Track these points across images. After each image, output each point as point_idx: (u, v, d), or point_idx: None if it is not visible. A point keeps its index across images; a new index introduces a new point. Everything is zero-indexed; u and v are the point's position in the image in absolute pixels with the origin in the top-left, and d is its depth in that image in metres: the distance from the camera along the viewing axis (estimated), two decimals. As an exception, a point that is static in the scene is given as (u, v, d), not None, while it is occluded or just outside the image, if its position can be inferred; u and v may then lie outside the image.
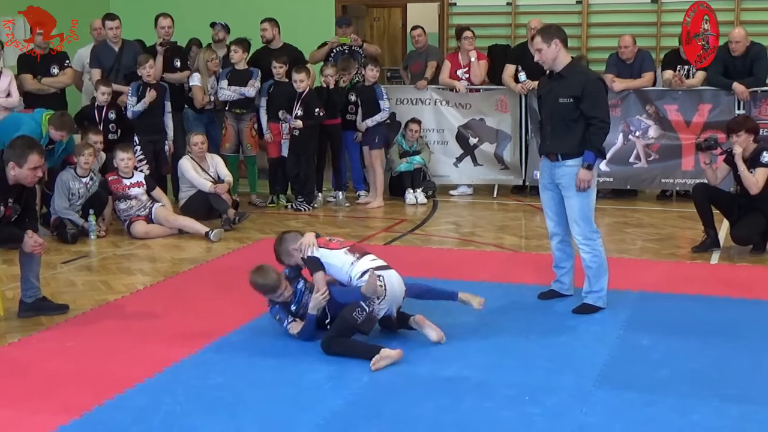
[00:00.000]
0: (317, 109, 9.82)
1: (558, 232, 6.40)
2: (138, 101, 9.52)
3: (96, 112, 9.50)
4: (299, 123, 9.77)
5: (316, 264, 5.59)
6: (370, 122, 10.16)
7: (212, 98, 10.24)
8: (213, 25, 10.84)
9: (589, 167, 6.01)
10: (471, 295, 5.80)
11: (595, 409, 4.60)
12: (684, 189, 10.23)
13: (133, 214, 8.83)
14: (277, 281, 5.61)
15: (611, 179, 10.44)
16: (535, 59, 6.22)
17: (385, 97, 10.21)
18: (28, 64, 9.59)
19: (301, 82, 9.81)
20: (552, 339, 5.66)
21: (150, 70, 9.57)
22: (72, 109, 9.77)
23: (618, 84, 10.22)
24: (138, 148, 9.50)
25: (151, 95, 9.47)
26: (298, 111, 9.82)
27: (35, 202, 6.57)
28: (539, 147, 6.58)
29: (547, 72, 6.27)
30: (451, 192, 10.96)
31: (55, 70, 9.79)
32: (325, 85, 10.19)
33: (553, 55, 6.05)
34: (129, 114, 9.56)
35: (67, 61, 9.95)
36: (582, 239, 6.18)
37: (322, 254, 5.62)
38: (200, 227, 8.68)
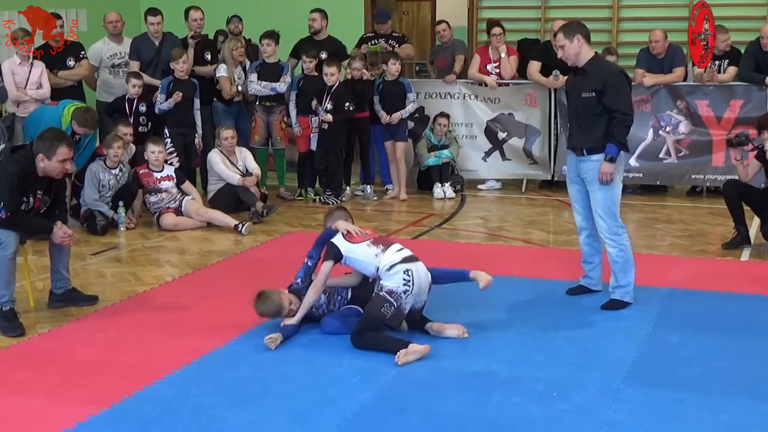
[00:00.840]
0: (347, 104, 9.82)
1: (586, 227, 6.38)
2: (167, 98, 9.55)
3: (127, 104, 9.54)
4: (329, 117, 9.77)
5: (332, 251, 5.60)
6: (404, 113, 10.18)
7: (239, 89, 10.22)
8: (230, 19, 10.79)
9: (612, 160, 6.00)
10: (480, 273, 5.76)
11: (624, 406, 4.58)
12: (714, 185, 10.15)
13: (164, 207, 8.88)
14: (278, 304, 5.66)
15: (641, 175, 10.38)
16: (559, 56, 6.25)
17: (413, 89, 10.23)
18: (44, 56, 9.47)
19: (331, 75, 9.81)
20: (580, 335, 5.64)
21: (183, 65, 9.59)
22: (88, 102, 9.78)
23: (648, 79, 10.15)
24: (168, 140, 9.55)
25: (176, 97, 9.48)
26: (328, 105, 9.82)
27: (65, 194, 6.61)
28: (567, 141, 6.57)
29: (572, 68, 6.28)
30: (480, 186, 10.93)
31: (71, 62, 9.78)
32: (352, 78, 10.19)
33: (576, 51, 6.08)
34: (156, 110, 9.59)
35: (83, 53, 9.92)
36: (607, 234, 6.17)
37: (346, 248, 5.62)
38: (230, 220, 8.71)
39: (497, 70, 10.71)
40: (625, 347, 5.40)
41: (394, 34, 11.12)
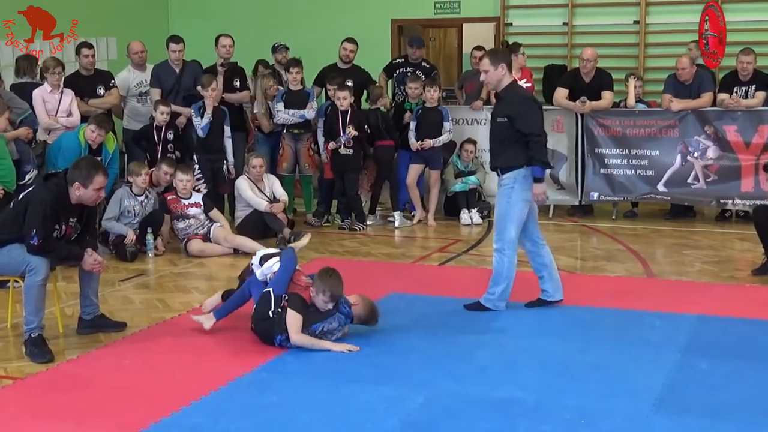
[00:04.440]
0: (366, 126, 9.92)
1: (524, 244, 6.76)
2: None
3: (155, 132, 9.62)
4: (352, 131, 9.81)
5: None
6: (437, 142, 10.22)
7: (274, 120, 10.28)
8: (278, 48, 10.85)
9: (539, 181, 6.43)
10: None
11: (652, 434, 4.54)
12: (743, 210, 10.09)
13: (191, 233, 8.93)
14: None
15: (669, 198, 10.34)
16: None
17: (450, 118, 10.29)
18: (74, 85, 9.60)
19: (344, 99, 9.91)
20: (608, 362, 5.59)
21: (212, 92, 9.63)
22: (116, 131, 9.91)
23: (676, 104, 10.12)
24: (197, 166, 9.62)
25: (208, 115, 9.56)
26: (351, 129, 9.93)
27: (96, 221, 6.67)
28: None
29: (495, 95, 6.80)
30: None
31: (101, 91, 9.88)
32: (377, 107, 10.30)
33: (499, 78, 6.50)
34: (200, 133, 9.64)
35: (113, 81, 10.01)
36: (494, 242, 6.65)
37: None
38: (258, 246, 8.72)
39: (528, 85, 10.72)
40: (654, 374, 5.35)
41: (423, 63, 11.16)
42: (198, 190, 9.37)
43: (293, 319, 5.77)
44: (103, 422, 4.75)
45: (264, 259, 6.33)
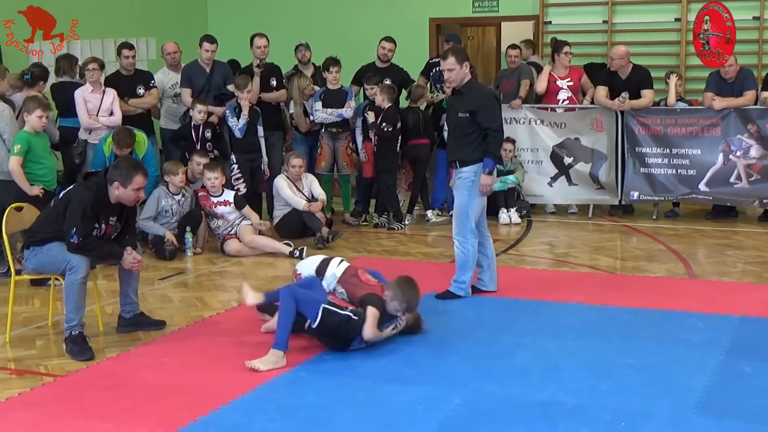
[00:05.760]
0: (384, 124, 9.86)
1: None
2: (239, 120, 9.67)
3: (193, 131, 9.65)
4: (371, 115, 9.86)
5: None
6: None
7: (312, 119, 10.32)
8: (298, 46, 10.88)
9: (490, 173, 6.73)
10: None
11: (695, 437, 4.48)
12: (787, 210, 9.95)
13: (225, 233, 8.94)
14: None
15: (711, 198, 10.21)
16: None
17: None
18: (114, 84, 9.61)
19: (374, 95, 9.99)
20: (649, 363, 5.52)
21: (248, 94, 9.63)
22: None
23: (718, 102, 9.99)
24: (235, 166, 9.65)
25: (245, 116, 9.59)
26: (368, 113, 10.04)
27: (135, 220, 6.71)
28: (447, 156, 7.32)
29: (452, 90, 7.06)
30: (571, 211, 10.91)
31: (140, 91, 9.90)
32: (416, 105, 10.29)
33: (463, 76, 6.80)
34: (237, 134, 9.66)
35: (152, 81, 10.02)
36: (455, 234, 6.92)
37: None
38: (282, 248, 8.72)
39: (570, 83, 10.64)
40: (696, 376, 5.28)
41: None
42: (237, 189, 9.39)
43: (375, 316, 5.71)
44: (142, 420, 4.77)
45: (322, 266, 6.28)
